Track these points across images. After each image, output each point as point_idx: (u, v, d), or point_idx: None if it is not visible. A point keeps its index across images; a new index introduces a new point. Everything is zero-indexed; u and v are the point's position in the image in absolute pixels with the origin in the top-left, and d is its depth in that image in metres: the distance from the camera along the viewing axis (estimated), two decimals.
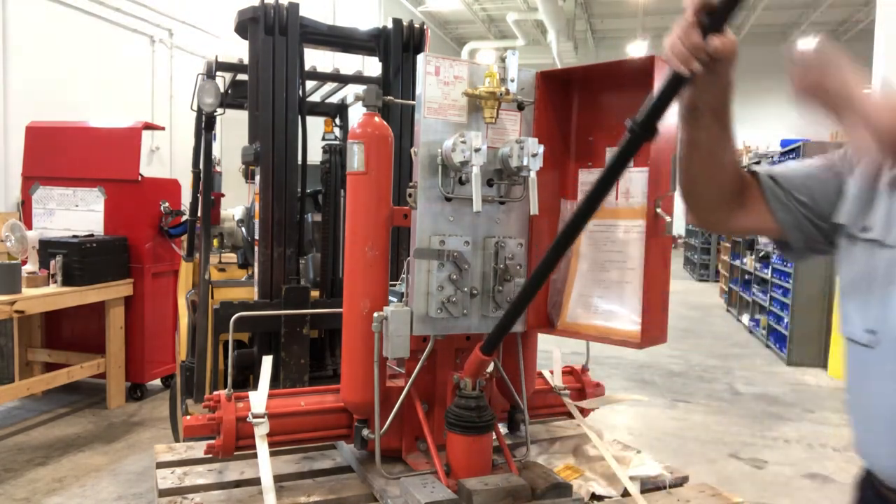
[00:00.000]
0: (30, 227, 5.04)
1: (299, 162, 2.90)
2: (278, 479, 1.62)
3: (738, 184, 1.30)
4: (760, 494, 3.88)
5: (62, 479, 3.74)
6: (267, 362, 1.71)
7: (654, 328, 1.61)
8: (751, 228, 1.36)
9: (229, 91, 3.53)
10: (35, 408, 4.95)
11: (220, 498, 1.59)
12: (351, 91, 3.67)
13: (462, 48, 21.67)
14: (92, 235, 4.92)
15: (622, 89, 1.74)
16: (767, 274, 8.14)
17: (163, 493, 1.59)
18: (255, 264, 2.85)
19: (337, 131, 3.93)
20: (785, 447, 4.64)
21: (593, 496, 1.63)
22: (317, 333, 3.02)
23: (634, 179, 1.69)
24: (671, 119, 1.60)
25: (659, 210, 1.56)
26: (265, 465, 1.53)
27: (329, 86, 3.87)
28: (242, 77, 3.35)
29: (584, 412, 2.01)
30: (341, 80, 3.65)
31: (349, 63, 7.80)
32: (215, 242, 4.02)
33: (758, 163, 9.22)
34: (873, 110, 1.05)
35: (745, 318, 9.28)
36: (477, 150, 1.54)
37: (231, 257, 4.17)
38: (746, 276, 9.58)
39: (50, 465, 3.93)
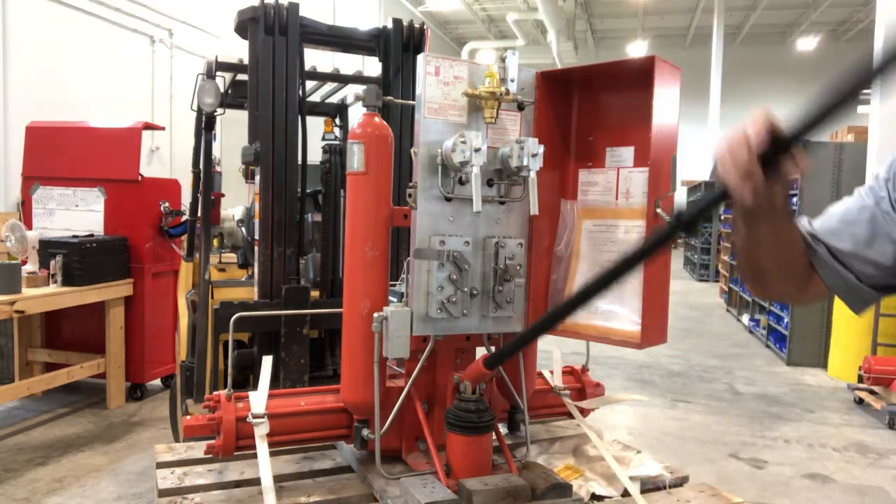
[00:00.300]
0: (30, 227, 5.04)
1: (299, 162, 2.90)
2: (278, 479, 1.62)
3: (801, 258, 1.19)
4: (760, 494, 3.88)
5: (62, 479, 3.74)
6: (267, 362, 1.71)
7: (654, 328, 1.61)
8: (819, 296, 1.24)
9: (229, 91, 3.52)
10: (35, 408, 4.94)
11: (220, 498, 1.59)
12: (351, 91, 3.67)
13: (462, 48, 21.69)
14: (92, 235, 4.92)
15: (622, 89, 1.74)
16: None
17: (163, 493, 1.59)
18: (255, 264, 2.85)
19: (337, 131, 3.93)
20: (785, 447, 4.64)
21: (593, 496, 1.63)
22: (317, 333, 3.01)
23: (635, 180, 1.69)
24: (671, 115, 1.60)
25: (659, 210, 1.56)
26: (265, 465, 1.53)
27: (329, 86, 3.87)
28: (242, 77, 3.34)
29: (584, 412, 2.01)
30: (341, 80, 3.65)
31: (349, 63, 7.79)
32: (215, 242, 4.02)
33: None
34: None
35: (745, 318, 9.28)
36: (477, 150, 1.54)
37: (231, 257, 4.17)
38: None
39: (50, 465, 3.92)
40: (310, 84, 3.45)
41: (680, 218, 1.09)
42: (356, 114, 1.90)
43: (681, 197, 1.18)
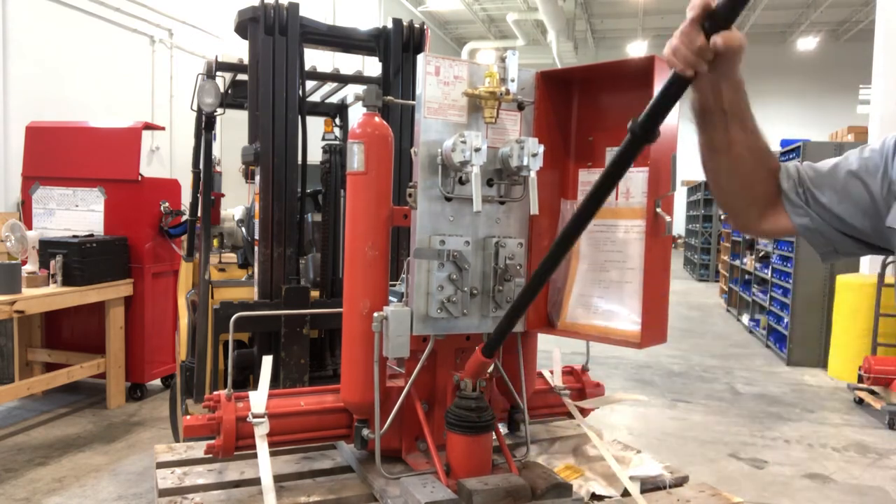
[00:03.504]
0: (30, 227, 5.04)
1: (299, 162, 2.90)
2: (278, 479, 1.62)
3: (770, 184, 1.21)
4: (760, 494, 3.88)
5: (62, 479, 3.74)
6: (267, 362, 1.71)
7: (654, 328, 1.61)
8: (781, 230, 1.26)
9: (229, 91, 3.52)
10: (35, 408, 4.94)
11: (220, 498, 1.59)
12: (351, 91, 3.67)
13: (462, 48, 21.69)
14: (92, 235, 4.92)
15: (622, 89, 1.74)
16: (767, 274, 8.14)
17: (163, 493, 1.59)
18: (255, 264, 2.85)
19: (337, 131, 3.93)
20: (785, 447, 4.64)
21: (593, 496, 1.63)
22: (317, 333, 3.01)
23: (634, 179, 1.69)
24: (671, 116, 1.60)
25: (659, 210, 1.56)
26: (265, 465, 1.53)
27: (329, 86, 3.87)
28: (242, 77, 3.34)
29: (584, 412, 2.01)
30: (341, 80, 3.64)
31: (349, 63, 7.80)
32: (215, 242, 4.02)
33: None
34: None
35: (745, 318, 9.28)
36: (477, 150, 1.54)
37: (231, 257, 4.16)
38: (746, 276, 9.58)
39: (50, 465, 3.92)
40: (310, 84, 3.45)
41: (636, 122, 1.08)
42: (356, 114, 1.91)
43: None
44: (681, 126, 1.60)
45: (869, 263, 6.59)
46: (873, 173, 1.14)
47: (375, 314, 1.57)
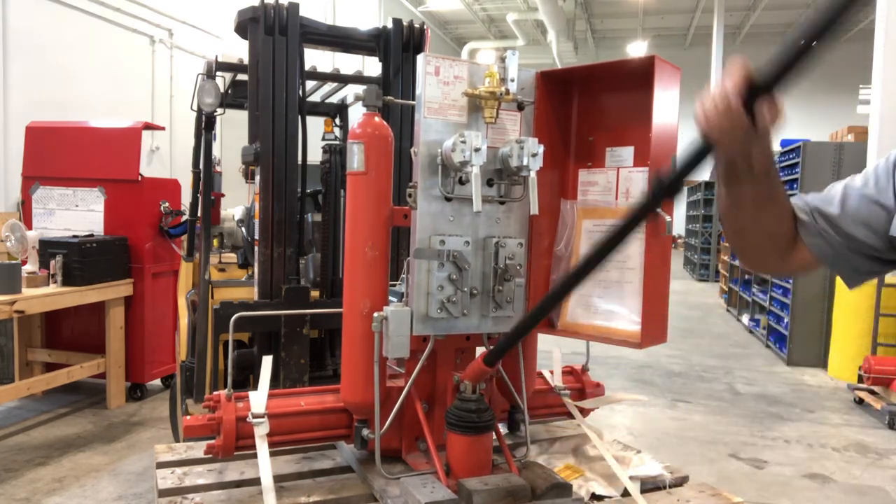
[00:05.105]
0: (30, 227, 5.04)
1: (299, 162, 2.90)
2: (278, 479, 1.62)
3: (789, 226, 1.18)
4: (760, 494, 3.88)
5: (62, 479, 3.74)
6: (267, 362, 1.71)
7: (654, 328, 1.61)
8: (804, 265, 1.22)
9: (229, 91, 3.52)
10: (35, 408, 4.94)
11: (220, 498, 1.59)
12: (351, 91, 3.67)
13: (462, 48, 21.70)
14: (92, 235, 4.92)
15: (622, 89, 1.74)
16: (767, 274, 8.14)
17: (163, 493, 1.59)
18: (255, 264, 2.85)
19: (337, 131, 3.93)
20: (785, 447, 4.64)
21: (593, 496, 1.63)
22: (317, 333, 3.02)
23: (634, 179, 1.69)
24: (670, 115, 1.60)
25: (659, 210, 1.56)
26: (265, 465, 1.53)
27: (329, 86, 3.87)
28: (242, 77, 3.34)
29: (584, 412, 2.01)
30: (341, 80, 3.64)
31: (349, 63, 7.79)
32: (215, 242, 4.02)
33: None
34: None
35: (745, 318, 9.28)
36: (477, 150, 1.54)
37: (231, 257, 4.17)
38: (746, 276, 9.58)
39: (50, 465, 3.92)
40: (310, 84, 3.45)
41: (662, 181, 1.09)
42: (356, 114, 1.90)
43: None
44: (681, 126, 1.60)
45: None
46: (884, 190, 1.11)
47: (375, 314, 1.57)
